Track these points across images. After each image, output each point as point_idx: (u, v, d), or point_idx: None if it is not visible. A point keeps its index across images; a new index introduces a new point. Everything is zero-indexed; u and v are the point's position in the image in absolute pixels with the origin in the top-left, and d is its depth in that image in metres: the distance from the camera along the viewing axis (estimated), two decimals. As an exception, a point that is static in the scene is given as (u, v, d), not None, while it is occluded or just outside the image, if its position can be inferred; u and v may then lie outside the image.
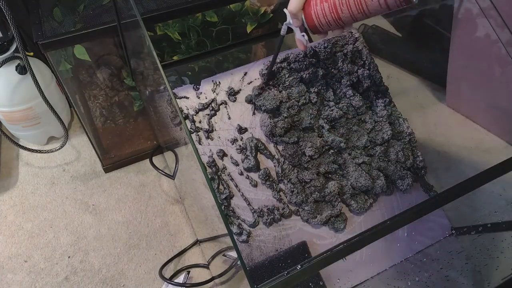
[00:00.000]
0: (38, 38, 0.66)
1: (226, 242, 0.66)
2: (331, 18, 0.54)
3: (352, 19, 0.53)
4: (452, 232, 0.77)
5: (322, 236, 0.70)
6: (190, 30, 0.89)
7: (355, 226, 0.71)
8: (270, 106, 0.69)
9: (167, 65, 0.88)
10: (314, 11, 0.54)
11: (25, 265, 0.80)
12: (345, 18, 0.53)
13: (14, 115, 0.89)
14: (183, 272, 0.78)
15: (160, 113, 0.75)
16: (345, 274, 0.69)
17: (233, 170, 0.68)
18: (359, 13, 0.52)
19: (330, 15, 0.53)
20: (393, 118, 0.75)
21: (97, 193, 0.92)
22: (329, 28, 0.56)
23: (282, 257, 0.65)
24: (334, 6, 0.53)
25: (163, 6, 0.71)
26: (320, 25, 0.55)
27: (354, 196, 0.71)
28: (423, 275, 0.71)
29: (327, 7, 0.53)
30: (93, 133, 0.94)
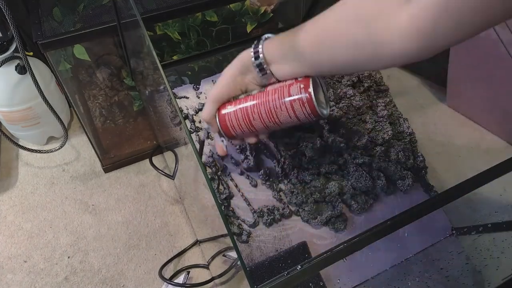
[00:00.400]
0: (38, 38, 0.66)
1: (226, 242, 0.66)
2: (244, 124, 0.54)
3: (264, 127, 0.54)
4: (453, 232, 0.77)
5: (322, 236, 0.70)
6: (190, 30, 0.89)
7: (356, 226, 0.71)
8: None
9: (166, 65, 0.88)
10: (228, 117, 0.55)
11: (25, 265, 0.80)
12: (257, 125, 0.54)
13: (14, 115, 0.89)
14: (183, 273, 0.78)
15: (160, 113, 0.75)
16: (345, 274, 0.69)
17: (233, 170, 0.68)
18: (270, 121, 0.53)
19: (243, 121, 0.54)
20: (393, 118, 0.75)
21: (97, 193, 0.92)
22: (242, 135, 0.56)
23: (282, 257, 0.65)
24: (246, 113, 0.53)
25: (163, 5, 0.71)
26: (234, 131, 0.56)
27: (355, 196, 0.71)
28: (423, 275, 0.71)
29: (239, 114, 0.54)
30: (92, 133, 0.94)
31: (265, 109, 0.52)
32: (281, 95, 0.51)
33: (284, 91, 0.51)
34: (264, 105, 0.52)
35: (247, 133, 0.56)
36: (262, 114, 0.53)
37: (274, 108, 0.52)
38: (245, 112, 0.54)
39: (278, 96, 0.51)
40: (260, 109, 0.52)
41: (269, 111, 0.52)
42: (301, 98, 0.50)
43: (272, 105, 0.52)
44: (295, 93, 0.50)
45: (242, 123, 0.54)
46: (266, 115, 0.53)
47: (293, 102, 0.50)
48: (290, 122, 0.53)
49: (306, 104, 0.50)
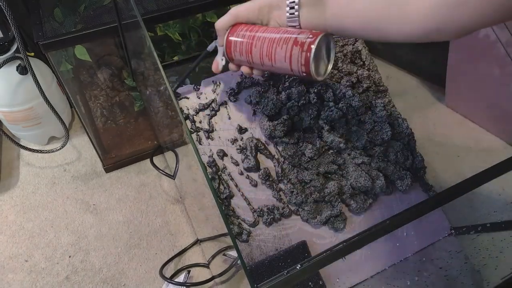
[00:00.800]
0: (39, 38, 0.66)
1: (226, 241, 0.66)
2: (245, 49, 0.54)
3: (260, 60, 0.54)
4: (452, 232, 0.77)
5: (322, 236, 0.70)
6: (190, 31, 0.89)
7: (355, 226, 0.72)
8: (271, 112, 0.69)
9: (167, 66, 0.88)
10: (235, 36, 0.55)
11: (26, 265, 0.80)
12: (255, 56, 0.54)
13: (15, 115, 0.89)
14: (183, 272, 0.78)
15: (161, 113, 0.75)
16: (345, 273, 0.69)
17: (233, 170, 0.69)
18: (266, 56, 0.52)
19: (245, 46, 0.54)
20: (392, 119, 0.75)
21: (98, 193, 0.92)
22: (240, 60, 0.57)
23: (282, 257, 0.65)
24: (251, 39, 0.53)
25: (164, 6, 0.71)
26: (234, 52, 0.56)
27: (354, 196, 0.71)
28: (422, 275, 0.71)
29: (246, 37, 0.54)
30: (93, 133, 0.95)
31: (268, 43, 0.52)
32: (288, 34, 0.51)
33: (293, 33, 0.50)
34: (268, 38, 0.52)
35: (244, 61, 0.56)
36: (264, 46, 0.52)
37: (276, 44, 0.51)
38: (250, 38, 0.53)
39: (285, 35, 0.51)
40: (264, 40, 0.52)
41: (270, 46, 0.52)
42: (302, 47, 0.49)
43: (275, 40, 0.51)
44: (300, 39, 0.49)
45: (244, 47, 0.54)
46: (266, 48, 0.52)
47: (293, 47, 0.50)
48: (283, 67, 0.52)
49: (304, 55, 0.49)
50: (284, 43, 0.51)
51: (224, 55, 0.59)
